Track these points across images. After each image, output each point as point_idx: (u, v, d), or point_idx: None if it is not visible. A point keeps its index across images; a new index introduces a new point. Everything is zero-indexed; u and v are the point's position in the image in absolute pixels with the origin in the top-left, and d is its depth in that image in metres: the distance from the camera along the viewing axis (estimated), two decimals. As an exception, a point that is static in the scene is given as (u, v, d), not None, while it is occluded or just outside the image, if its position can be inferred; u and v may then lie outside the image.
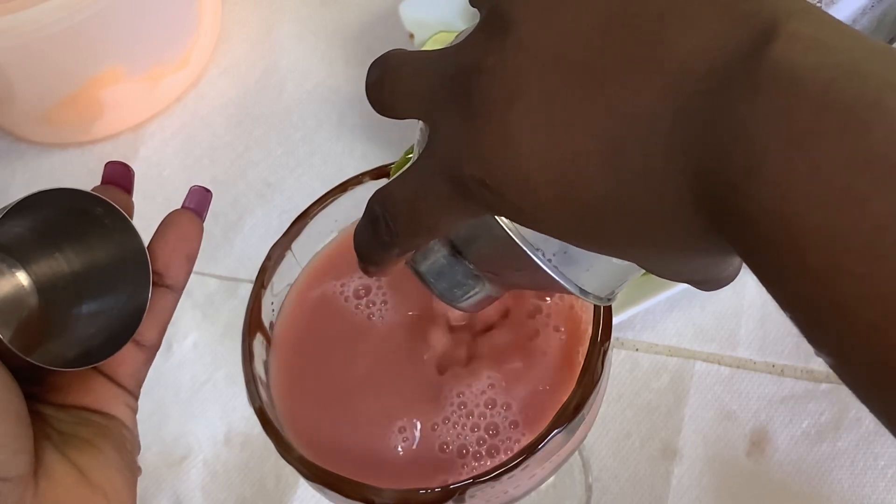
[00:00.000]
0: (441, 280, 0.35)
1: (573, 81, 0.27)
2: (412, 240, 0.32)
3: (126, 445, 0.39)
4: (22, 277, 0.40)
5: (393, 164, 0.43)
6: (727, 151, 0.25)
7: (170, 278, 0.40)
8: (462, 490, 0.37)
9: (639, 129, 0.26)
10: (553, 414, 0.38)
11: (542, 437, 0.37)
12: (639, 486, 0.54)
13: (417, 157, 0.32)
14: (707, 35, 0.26)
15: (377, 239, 0.33)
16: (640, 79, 0.26)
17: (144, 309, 0.38)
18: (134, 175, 0.41)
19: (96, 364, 0.38)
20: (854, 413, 0.54)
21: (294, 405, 0.42)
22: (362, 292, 0.43)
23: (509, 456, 0.38)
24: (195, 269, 0.41)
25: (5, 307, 0.39)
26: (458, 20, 0.67)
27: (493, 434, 0.40)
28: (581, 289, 0.32)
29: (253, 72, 0.74)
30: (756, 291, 0.58)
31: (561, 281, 0.32)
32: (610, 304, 0.38)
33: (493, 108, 0.28)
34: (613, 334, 0.40)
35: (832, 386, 0.55)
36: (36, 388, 0.38)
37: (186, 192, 0.42)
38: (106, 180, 0.41)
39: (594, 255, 0.32)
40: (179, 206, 0.41)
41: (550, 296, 0.42)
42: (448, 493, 0.37)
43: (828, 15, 0.25)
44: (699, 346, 0.58)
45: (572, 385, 0.38)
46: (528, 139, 0.28)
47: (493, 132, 0.28)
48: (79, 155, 0.73)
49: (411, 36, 0.66)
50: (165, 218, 0.41)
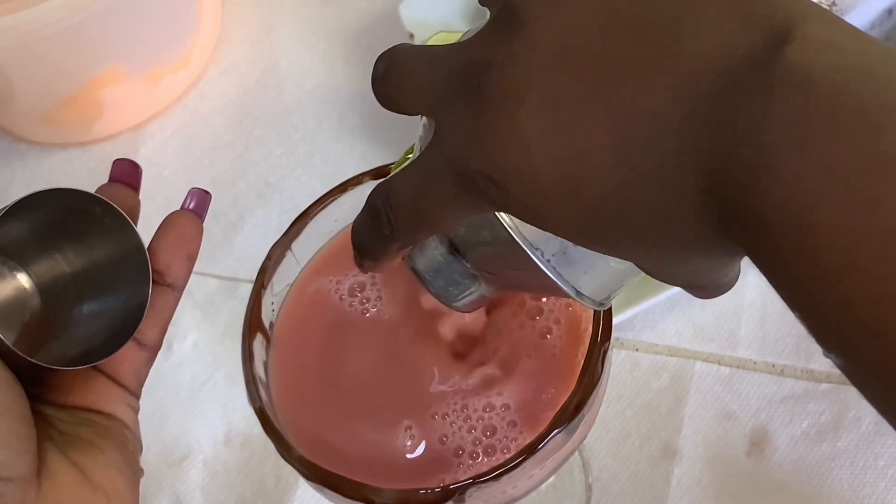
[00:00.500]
0: (437, 278, 0.35)
1: (584, 79, 0.27)
2: (413, 234, 0.32)
3: (128, 446, 0.39)
4: (23, 279, 0.40)
5: (393, 164, 0.43)
6: (739, 151, 0.25)
7: (171, 277, 0.40)
8: (462, 490, 0.37)
9: (649, 128, 0.26)
10: (552, 414, 0.38)
11: (541, 437, 0.37)
12: (639, 486, 0.54)
13: (421, 151, 0.31)
14: (720, 36, 0.26)
15: (377, 232, 0.33)
16: (651, 78, 0.26)
17: (145, 307, 0.38)
18: (141, 172, 0.41)
19: (98, 362, 0.38)
20: (854, 413, 0.54)
21: (294, 405, 0.42)
22: (357, 290, 0.43)
23: (508, 456, 0.38)
24: (195, 269, 0.41)
25: (8, 310, 0.39)
26: (458, 20, 0.67)
27: (491, 434, 0.40)
28: (578, 291, 0.32)
29: (253, 72, 0.74)
30: (756, 292, 0.58)
31: (558, 282, 0.32)
32: (603, 309, 0.38)
33: (502, 103, 0.28)
34: (613, 334, 0.40)
35: (832, 386, 0.55)
36: (38, 388, 0.38)
37: (186, 193, 0.42)
38: (113, 178, 0.40)
39: (593, 257, 0.32)
40: (179, 207, 0.41)
41: (548, 297, 0.42)
42: (448, 493, 0.37)
43: (841, 19, 0.25)
44: (699, 346, 0.58)
45: (572, 385, 0.38)
46: (536, 135, 0.28)
47: (501, 128, 0.28)
48: (79, 155, 0.73)
49: (411, 36, 0.66)
50: (166, 219, 0.41)
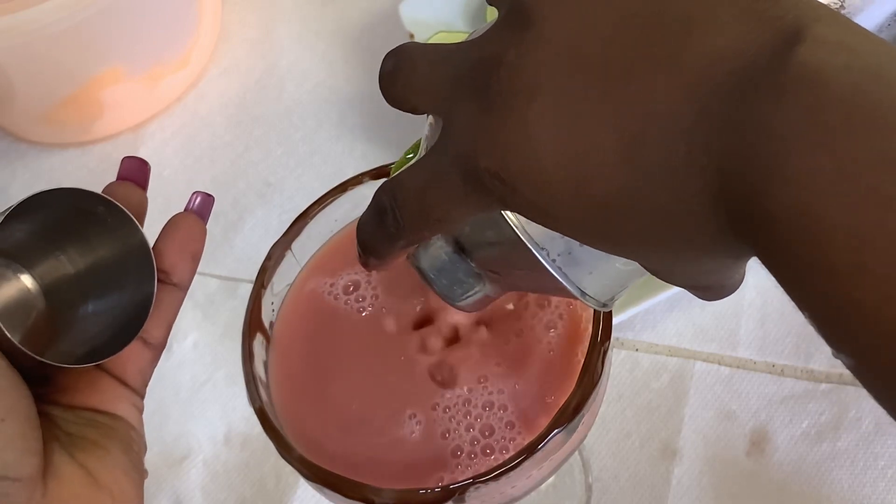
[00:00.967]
0: (442, 276, 0.35)
1: (594, 77, 0.27)
2: (419, 232, 0.32)
3: (133, 447, 0.39)
4: (27, 281, 0.40)
5: (393, 164, 0.43)
6: (751, 150, 0.25)
7: (176, 277, 0.40)
8: (462, 490, 0.37)
9: (659, 127, 0.26)
10: (552, 414, 0.38)
11: (541, 437, 0.37)
12: (639, 486, 0.54)
13: (429, 149, 0.31)
14: (732, 36, 0.26)
15: (383, 230, 0.32)
16: (662, 77, 0.26)
17: (149, 304, 0.38)
18: (150, 170, 0.41)
19: (103, 361, 0.38)
20: (854, 413, 0.54)
21: (293, 405, 0.42)
22: (351, 288, 0.43)
23: (507, 456, 0.38)
24: (195, 269, 0.41)
25: (12, 312, 0.39)
26: (458, 20, 0.67)
27: (490, 434, 0.40)
28: (582, 291, 0.32)
29: (253, 72, 0.74)
30: (756, 292, 0.58)
31: (563, 282, 0.32)
32: (607, 310, 0.38)
33: (511, 101, 0.28)
34: (613, 334, 0.40)
35: (832, 386, 0.55)
36: (43, 388, 0.38)
37: (187, 194, 0.42)
38: (122, 176, 0.40)
39: (598, 258, 0.31)
40: (180, 207, 0.41)
41: (550, 297, 0.42)
42: (448, 492, 0.37)
43: (852, 21, 0.25)
44: (699, 346, 0.58)
45: (572, 385, 0.38)
46: (546, 134, 0.27)
47: (510, 126, 0.28)
48: (79, 155, 0.73)
49: (411, 36, 0.66)
50: (170, 220, 0.41)
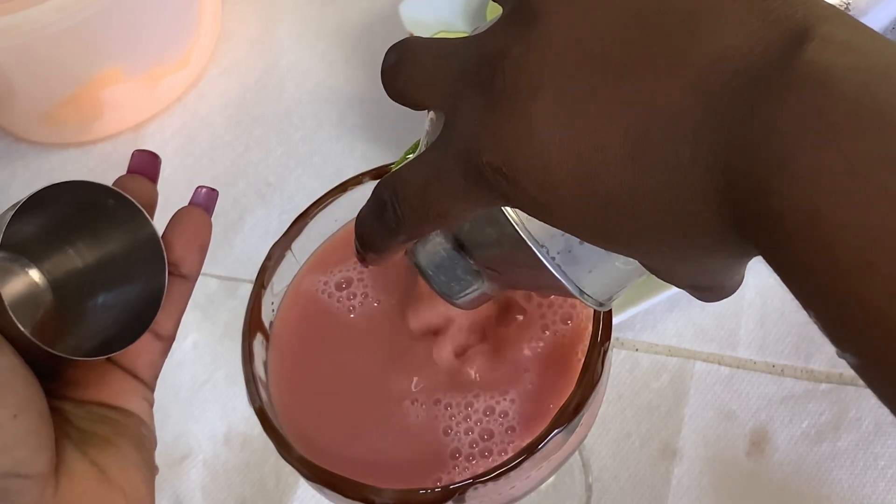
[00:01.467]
0: (440, 273, 0.35)
1: (599, 74, 0.27)
2: (419, 227, 0.32)
3: (144, 443, 0.39)
4: (35, 275, 0.40)
5: (393, 164, 0.43)
6: (757, 148, 0.24)
7: (185, 268, 0.40)
8: (462, 490, 0.37)
9: (665, 124, 0.26)
10: (552, 414, 0.38)
11: (541, 437, 0.37)
12: (639, 486, 0.54)
13: (429, 145, 0.31)
14: (739, 34, 0.26)
15: (383, 224, 0.32)
16: (668, 74, 0.26)
17: (159, 297, 0.38)
18: (160, 164, 0.41)
19: (115, 354, 0.38)
20: (854, 413, 0.54)
21: (293, 405, 0.42)
22: (343, 285, 0.43)
23: (507, 456, 0.38)
24: (195, 269, 0.41)
25: (21, 307, 0.39)
26: (458, 20, 0.67)
27: (489, 436, 0.40)
28: (581, 290, 0.32)
29: (253, 72, 0.74)
30: (756, 291, 0.58)
31: (562, 280, 0.32)
32: (606, 310, 0.38)
33: (516, 97, 0.28)
34: (613, 334, 0.40)
35: (832, 386, 0.55)
36: (54, 383, 0.38)
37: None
38: (132, 169, 0.41)
39: (598, 256, 0.31)
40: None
41: (550, 296, 0.42)
42: (448, 493, 0.37)
43: (859, 22, 0.26)
44: (699, 346, 0.58)
45: (572, 385, 0.38)
46: (549, 130, 0.27)
47: (514, 121, 0.28)
48: (79, 155, 0.73)
49: (411, 36, 0.66)
50: (176, 213, 0.41)
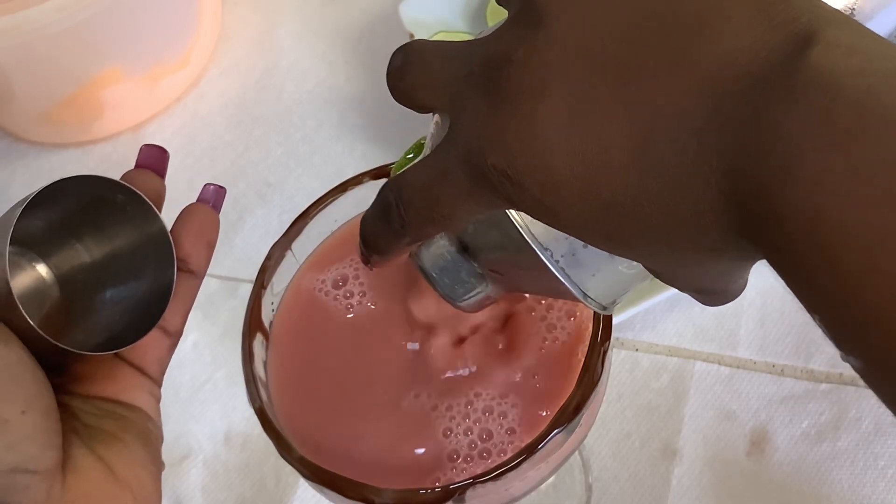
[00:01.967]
0: (444, 276, 0.35)
1: (604, 76, 0.27)
2: (423, 229, 0.32)
3: (151, 439, 0.39)
4: (42, 270, 0.40)
5: (393, 164, 0.43)
6: (762, 151, 0.24)
7: (193, 264, 0.40)
8: (462, 490, 0.37)
9: (670, 127, 0.26)
10: (552, 414, 0.38)
11: (541, 437, 0.37)
12: (639, 486, 0.54)
13: (435, 147, 0.31)
14: (745, 38, 0.26)
15: (387, 226, 0.32)
16: (673, 77, 0.26)
17: (168, 293, 0.38)
18: (169, 158, 0.41)
19: (124, 349, 0.38)
20: (854, 413, 0.54)
21: (293, 405, 0.42)
22: (340, 283, 0.43)
23: (506, 456, 0.38)
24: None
25: (28, 301, 0.39)
26: (459, 20, 0.67)
27: (488, 437, 0.40)
28: (584, 294, 0.32)
29: (253, 72, 0.74)
30: (756, 291, 0.58)
31: (566, 283, 0.32)
32: (609, 313, 0.38)
33: (521, 99, 0.28)
34: (613, 334, 0.40)
35: (832, 386, 0.55)
36: (61, 378, 0.38)
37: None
38: (140, 164, 0.41)
39: (602, 260, 0.31)
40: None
41: (552, 299, 0.42)
42: (448, 492, 0.37)
43: (864, 26, 0.26)
44: (699, 346, 0.58)
45: (572, 385, 0.38)
46: (554, 132, 0.27)
47: (519, 123, 0.28)
48: (79, 155, 0.73)
49: (411, 36, 0.66)
50: (184, 210, 0.41)
